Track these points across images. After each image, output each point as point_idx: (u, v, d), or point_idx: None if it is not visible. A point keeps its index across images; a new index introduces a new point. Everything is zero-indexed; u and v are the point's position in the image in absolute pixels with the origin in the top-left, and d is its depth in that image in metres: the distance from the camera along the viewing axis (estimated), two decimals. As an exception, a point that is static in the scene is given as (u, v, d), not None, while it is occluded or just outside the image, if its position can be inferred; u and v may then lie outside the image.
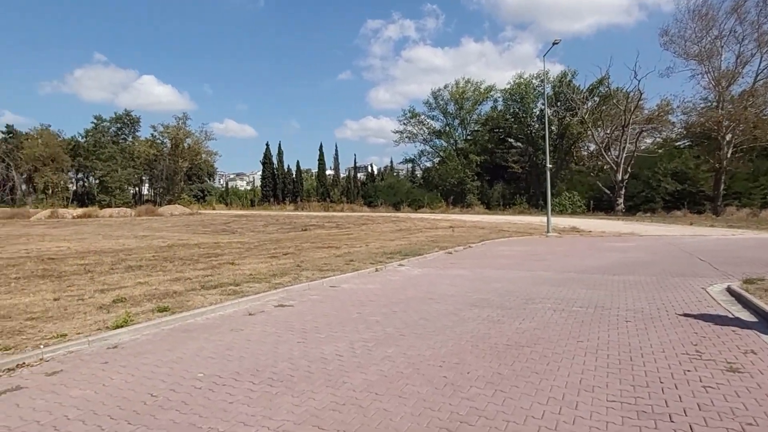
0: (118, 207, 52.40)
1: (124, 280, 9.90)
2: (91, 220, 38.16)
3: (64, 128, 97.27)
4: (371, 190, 64.37)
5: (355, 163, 78.12)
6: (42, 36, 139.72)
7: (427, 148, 64.24)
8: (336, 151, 78.44)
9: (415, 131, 62.77)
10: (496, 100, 58.84)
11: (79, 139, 73.06)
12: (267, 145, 73.62)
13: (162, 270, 11.31)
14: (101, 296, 8.11)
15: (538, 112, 53.79)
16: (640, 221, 32.22)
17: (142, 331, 6.01)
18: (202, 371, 4.55)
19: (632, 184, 43.60)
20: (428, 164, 65.75)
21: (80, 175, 77.47)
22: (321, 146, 71.44)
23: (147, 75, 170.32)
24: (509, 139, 56.58)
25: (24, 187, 69.50)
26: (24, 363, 4.83)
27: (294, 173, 73.78)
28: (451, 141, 61.46)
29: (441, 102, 60.31)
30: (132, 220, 37.83)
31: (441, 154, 62.18)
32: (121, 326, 5.94)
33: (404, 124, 62.61)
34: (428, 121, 62.21)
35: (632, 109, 42.54)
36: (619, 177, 42.99)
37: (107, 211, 46.63)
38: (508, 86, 54.89)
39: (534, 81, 53.11)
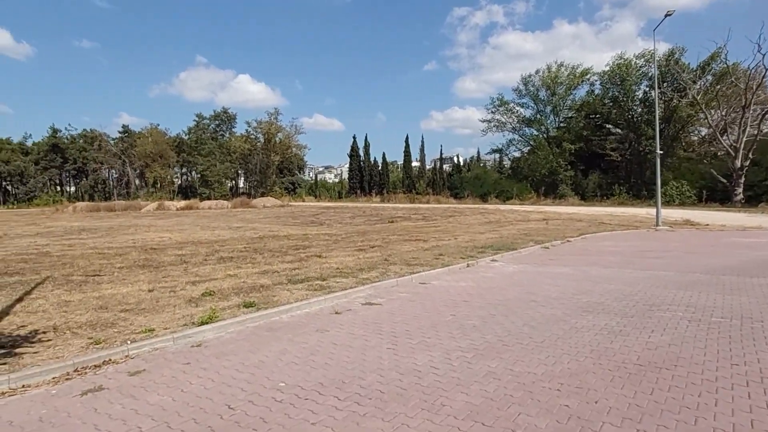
0: (217, 199, 55.49)
1: (215, 271, 9.98)
2: (192, 212, 40.60)
3: (170, 126, 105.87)
4: (457, 181, 62.94)
5: (441, 154, 76.85)
6: (152, 43, 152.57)
7: (516, 137, 61.49)
8: (422, 142, 77.68)
9: (503, 120, 60.28)
10: (592, 84, 54.80)
11: (183, 136, 78.40)
12: (354, 138, 74.53)
13: (251, 262, 11.35)
14: (192, 288, 8.11)
15: (641, 95, 49.42)
16: (766, 213, 28.45)
17: (226, 328, 5.78)
18: (284, 380, 4.14)
19: (753, 171, 38.68)
20: (517, 154, 62.99)
21: (184, 170, 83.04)
22: (407, 138, 70.61)
23: (242, 74, 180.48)
24: (607, 125, 52.61)
25: (137, 181, 75.77)
26: (110, 359, 4.71)
27: (380, 165, 74.06)
28: (542, 129, 58.36)
29: (531, 88, 57.34)
30: (228, 212, 39.74)
31: (531, 142, 59.25)
32: (206, 323, 5.74)
33: (492, 112, 60.29)
34: (517, 108, 59.44)
35: (755, 87, 37.66)
36: (738, 164, 38.34)
37: (206, 203, 49.50)
38: (607, 68, 50.83)
39: (636, 61, 48.73)
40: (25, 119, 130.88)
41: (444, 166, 77.57)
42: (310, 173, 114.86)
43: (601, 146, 50.40)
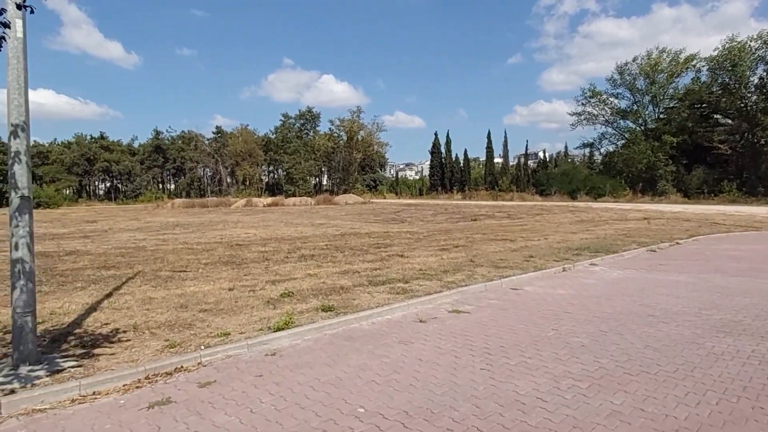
0: (301, 196, 57.04)
1: (295, 270, 9.76)
2: (277, 208, 41.89)
3: (259, 126, 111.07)
4: (543, 177, 59.99)
5: (526, 149, 73.54)
6: (243, 48, 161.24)
7: (610, 129, 57.53)
8: (505, 138, 75.36)
9: (595, 112, 56.60)
10: (698, 71, 49.79)
11: (270, 135, 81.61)
12: (435, 134, 73.73)
13: (332, 261, 11.06)
14: (271, 288, 7.88)
15: (756, 81, 44.19)
16: None
17: (303, 335, 5.37)
18: (364, 404, 3.60)
19: None
20: (610, 148, 58.99)
21: (271, 168, 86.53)
22: (489, 134, 68.63)
23: (327, 74, 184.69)
24: (715, 116, 47.67)
25: (228, 179, 79.90)
26: (182, 366, 4.43)
27: (461, 162, 72.58)
28: (640, 120, 54.09)
29: (628, 77, 53.25)
30: (311, 209, 40.53)
31: (626, 135, 55.22)
32: (282, 329, 5.36)
33: (582, 104, 56.83)
34: (611, 99, 55.58)
35: None
36: None
37: (291, 200, 50.95)
38: (715, 53, 45.88)
39: (751, 44, 43.53)
40: (133, 123, 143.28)
41: (528, 162, 74.47)
42: (391, 170, 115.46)
43: (707, 138, 45.83)
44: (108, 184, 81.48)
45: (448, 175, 71.81)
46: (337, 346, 5.06)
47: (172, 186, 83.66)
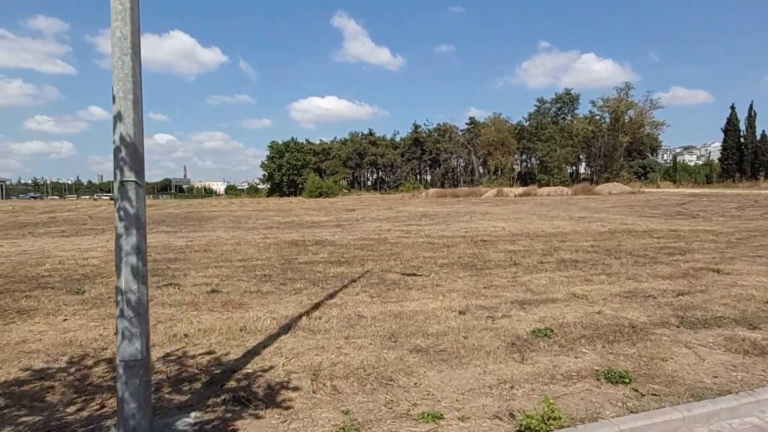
0: (555, 186, 52.25)
1: (552, 284, 7.07)
2: (529, 199, 38.70)
3: (512, 115, 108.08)
4: None
5: None
6: (497, 38, 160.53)
7: None
8: None
9: None
10: None
11: (524, 123, 77.99)
12: (732, 108, 58.60)
13: (605, 271, 7.97)
14: (518, 315, 5.42)
15: None
16: None
17: (576, 447, 2.79)
18: None
19: None
20: None
21: (524, 156, 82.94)
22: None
23: (587, 53, 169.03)
24: None
25: (480, 169, 79.51)
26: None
27: (771, 141, 56.35)
28: None
29: None
30: (568, 199, 36.11)
31: None
32: (537, 430, 2.86)
33: None
34: None
35: None
36: None
37: (544, 189, 46.85)
38: None
39: None
40: (396, 119, 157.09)
41: None
42: (665, 155, 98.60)
43: None
44: (374, 176, 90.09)
45: (749, 157, 56.70)
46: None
47: (429, 176, 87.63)
